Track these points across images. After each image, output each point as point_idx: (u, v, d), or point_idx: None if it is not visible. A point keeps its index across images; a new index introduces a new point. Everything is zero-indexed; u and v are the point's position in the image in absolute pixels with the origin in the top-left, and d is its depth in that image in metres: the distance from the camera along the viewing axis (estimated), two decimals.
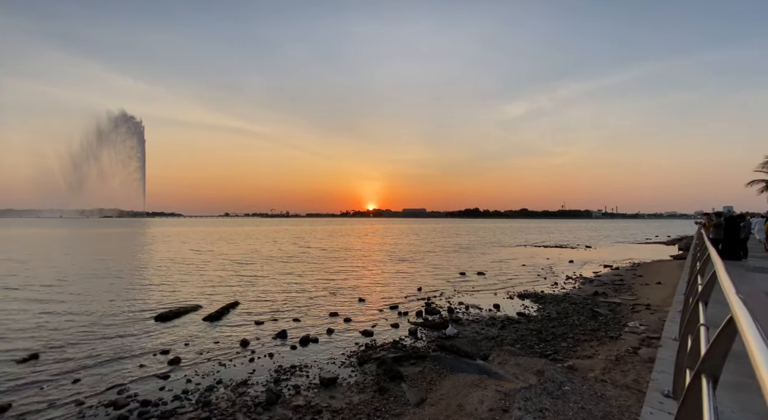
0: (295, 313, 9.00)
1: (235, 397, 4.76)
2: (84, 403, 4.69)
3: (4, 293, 11.06)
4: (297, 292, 11.54)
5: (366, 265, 18.02)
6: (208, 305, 9.72)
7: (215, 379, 5.34)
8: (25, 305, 9.64)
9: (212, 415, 4.30)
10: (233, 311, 9.29)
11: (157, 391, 5.02)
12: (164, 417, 4.27)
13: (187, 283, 13.09)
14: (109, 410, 4.48)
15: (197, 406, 4.55)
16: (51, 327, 7.83)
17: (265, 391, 4.80)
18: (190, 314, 9.02)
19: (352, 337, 7.31)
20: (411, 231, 60.68)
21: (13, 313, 8.86)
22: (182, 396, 4.83)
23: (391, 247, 28.23)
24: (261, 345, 6.86)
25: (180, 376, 5.52)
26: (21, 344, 6.77)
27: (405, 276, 14.77)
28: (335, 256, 22.05)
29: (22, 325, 7.91)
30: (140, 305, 9.81)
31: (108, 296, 10.81)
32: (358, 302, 10.21)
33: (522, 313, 9.04)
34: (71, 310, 9.25)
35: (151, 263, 18.43)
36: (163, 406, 4.55)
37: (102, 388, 5.13)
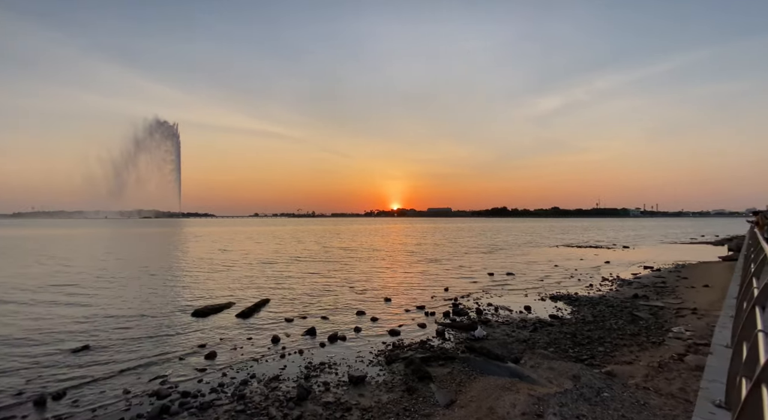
0: (323, 312, 9.16)
1: (268, 392, 4.92)
2: (130, 391, 5.01)
3: (59, 289, 12.02)
4: (324, 291, 11.75)
5: (391, 265, 18.05)
6: (240, 302, 10.10)
7: (249, 374, 5.53)
8: (76, 300, 10.44)
9: (247, 408, 4.46)
10: (264, 308, 9.60)
11: (195, 383, 5.27)
12: (203, 408, 4.48)
13: (218, 281, 13.67)
14: (152, 399, 4.75)
15: (233, 399, 4.73)
16: (100, 320, 8.43)
17: (296, 387, 4.91)
18: (224, 311, 9.41)
19: (379, 336, 7.34)
20: (436, 230, 60.06)
21: (66, 308, 9.61)
22: (218, 389, 5.04)
23: (415, 247, 28.12)
24: (291, 342, 7.04)
25: (216, 369, 5.77)
26: (73, 336, 7.33)
27: (431, 276, 14.65)
28: (359, 256, 22.24)
29: (74, 319, 8.57)
30: (178, 301, 10.36)
31: (149, 292, 11.50)
32: (384, 302, 10.25)
33: (555, 316, 8.71)
34: (117, 305, 9.91)
35: (186, 262, 19.39)
36: (202, 398, 4.77)
37: (146, 378, 5.45)
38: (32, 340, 7.11)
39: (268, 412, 4.37)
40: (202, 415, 4.35)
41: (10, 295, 10.96)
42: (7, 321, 8.37)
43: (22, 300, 10.40)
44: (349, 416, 4.28)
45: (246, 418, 4.24)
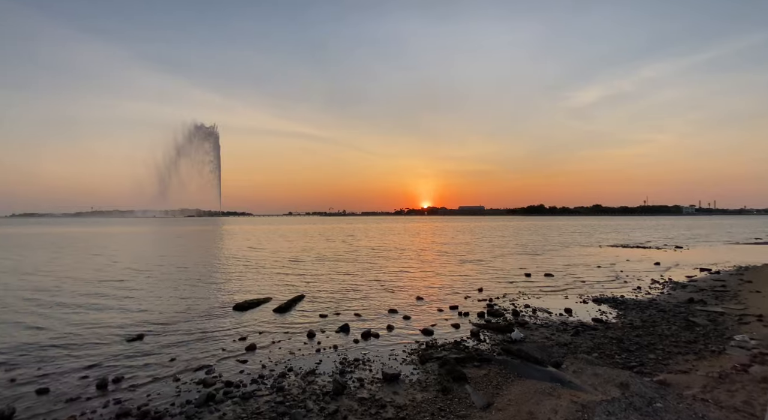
0: (355, 309, 9.28)
1: (305, 385, 5.06)
2: (180, 379, 5.35)
3: (114, 282, 13.10)
4: (355, 289, 11.89)
5: (421, 265, 17.93)
6: (276, 298, 10.48)
7: (286, 367, 5.72)
8: (129, 292, 11.33)
9: (285, 400, 4.61)
10: (299, 304, 9.89)
11: (237, 373, 5.53)
12: (245, 397, 4.69)
13: (253, 277, 14.25)
14: (199, 387, 5.05)
15: (272, 390, 4.92)
16: (150, 312, 9.09)
17: (332, 382, 5.01)
18: (263, 305, 9.81)
19: (412, 335, 7.31)
20: (467, 229, 58.71)
21: (122, 299, 10.45)
22: (259, 380, 5.26)
23: (446, 247, 27.70)
24: (326, 337, 7.20)
25: (256, 361, 6.02)
26: (129, 326, 7.95)
27: (463, 276, 14.37)
28: (388, 255, 22.28)
29: (129, 310, 9.30)
30: (219, 296, 10.94)
31: (192, 287, 12.24)
32: (416, 301, 10.19)
33: (598, 319, 8.24)
34: (165, 298, 10.64)
35: (222, 258, 20.41)
36: (243, 388, 5.00)
37: (193, 367, 5.80)
38: (93, 328, 7.80)
39: (305, 404, 4.49)
40: (245, 404, 4.55)
41: (73, 287, 12.10)
42: (71, 311, 9.25)
43: (84, 292, 11.45)
44: (384, 413, 4.30)
45: (285, 409, 4.38)
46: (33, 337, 7.18)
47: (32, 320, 8.36)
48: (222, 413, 4.34)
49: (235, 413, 4.33)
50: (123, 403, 4.64)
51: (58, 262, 18.85)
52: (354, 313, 8.84)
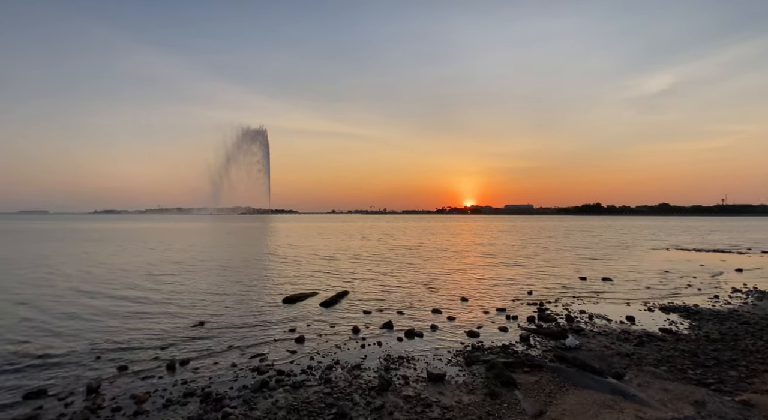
0: (398, 307, 9.30)
1: (351, 379, 5.17)
2: (237, 365, 5.74)
3: (181, 274, 14.37)
4: (397, 287, 11.90)
5: (465, 265, 17.48)
6: (322, 292, 10.84)
7: (333, 360, 5.89)
8: (191, 282, 12.36)
9: (333, 392, 4.75)
10: (344, 300, 10.14)
11: (288, 363, 5.81)
12: (295, 386, 4.91)
13: (299, 271, 14.83)
14: (254, 374, 5.38)
15: (320, 381, 5.10)
16: (209, 302, 9.84)
17: (377, 378, 5.07)
18: (309, 299, 10.20)
19: (456, 336, 7.16)
20: (514, 229, 56.07)
21: (184, 290, 11.44)
22: (308, 370, 5.48)
23: (491, 247, 26.74)
24: (370, 333, 7.30)
25: (305, 352, 6.27)
26: (191, 314, 8.68)
27: (511, 278, 13.79)
28: (428, 254, 22.01)
29: (191, 298, 10.16)
30: (269, 288, 11.56)
31: (244, 279, 13.06)
32: (460, 301, 9.97)
33: (667, 330, 7.46)
34: (222, 288, 11.47)
35: (272, 253, 21.47)
36: (294, 377, 5.23)
37: (248, 355, 6.19)
38: (162, 314, 8.64)
39: (352, 397, 4.59)
40: (295, 393, 4.76)
41: (143, 276, 13.48)
42: (143, 298, 10.31)
43: (153, 280, 12.71)
44: (430, 412, 4.26)
45: (333, 400, 4.52)
46: (112, 321, 8.13)
47: (110, 305, 9.45)
48: (275, 400, 4.58)
49: (287, 401, 4.55)
50: (189, 383, 5.09)
51: (135, 254, 21.12)
52: (397, 311, 8.87)
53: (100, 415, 4.27)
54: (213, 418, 4.18)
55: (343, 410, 4.23)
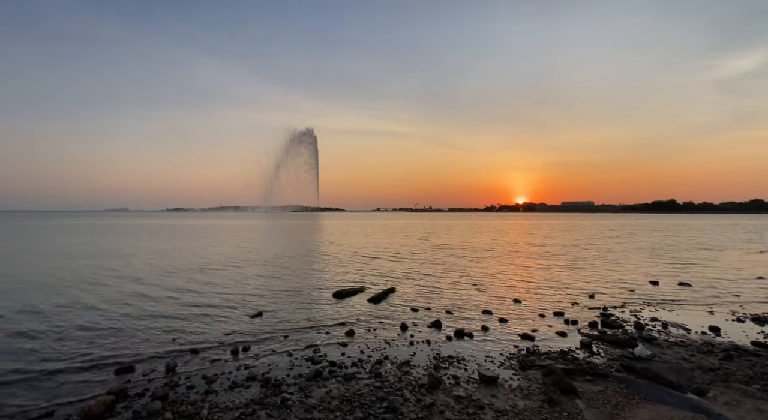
0: (446, 306, 9.15)
1: (401, 375, 5.20)
2: (292, 355, 6.06)
3: (241, 268, 15.48)
4: (445, 286, 11.70)
5: (516, 265, 16.68)
6: (369, 288, 11.03)
7: (382, 355, 5.97)
8: (249, 275, 13.26)
9: (383, 386, 4.82)
10: (391, 297, 10.21)
11: (339, 355, 5.99)
12: (347, 378, 5.06)
13: (346, 267, 15.19)
14: (308, 364, 5.63)
15: (371, 375, 5.19)
16: (266, 293, 10.49)
17: (427, 375, 5.04)
18: (358, 294, 10.43)
19: (509, 339, 6.87)
20: (572, 228, 52.02)
21: (244, 281, 12.30)
22: (358, 364, 5.61)
23: (544, 247, 25.18)
24: (418, 331, 7.27)
25: (355, 346, 6.43)
26: (251, 304, 9.32)
27: (569, 280, 12.89)
28: (476, 255, 21.29)
29: (250, 290, 10.90)
30: (320, 282, 12.02)
31: (297, 273, 13.72)
32: (513, 303, 9.54)
33: (761, 344, 6.48)
34: (276, 281, 12.15)
35: (321, 248, 22.25)
36: (345, 369, 5.39)
37: (302, 345, 6.50)
38: (224, 304, 9.37)
39: (402, 393, 4.62)
40: (347, 384, 4.91)
41: (206, 269, 14.73)
42: (208, 289, 11.26)
43: (215, 273, 13.84)
44: (483, 415, 4.14)
45: (383, 394, 4.58)
46: (184, 308, 9.00)
47: (182, 294, 10.47)
48: (328, 389, 4.76)
49: (340, 391, 4.70)
50: (250, 369, 5.47)
51: (199, 247, 23.20)
52: (445, 311, 8.73)
53: (177, 392, 4.76)
54: (273, 402, 4.45)
55: (394, 405, 4.27)
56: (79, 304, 9.19)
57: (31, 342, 6.59)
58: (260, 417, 4.15)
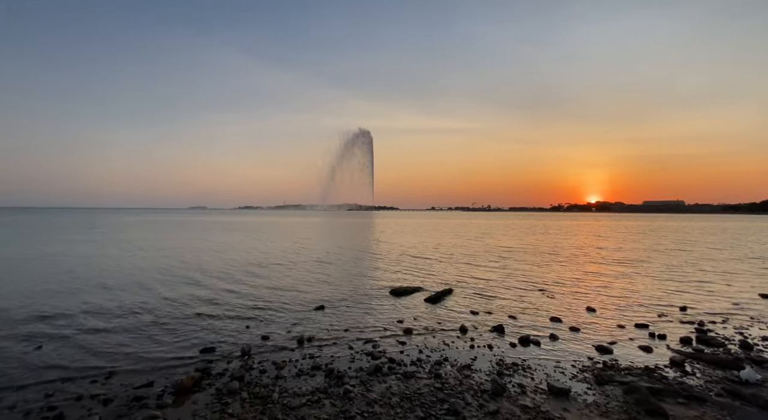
0: (509, 311, 8.71)
1: (462, 378, 5.06)
2: (353, 348, 6.25)
3: (304, 262, 16.39)
4: (507, 289, 11.12)
5: (587, 271, 15.24)
6: (426, 288, 10.93)
7: (441, 356, 5.87)
8: (311, 270, 13.95)
9: (443, 388, 4.74)
10: (449, 297, 10.00)
11: (398, 353, 6.03)
12: (406, 376, 5.07)
13: (402, 265, 15.18)
14: (368, 358, 5.76)
15: (430, 375, 5.14)
16: (326, 288, 10.96)
17: (490, 381, 4.84)
18: (415, 293, 10.41)
19: (582, 350, 6.31)
20: (655, 230, 45.56)
21: (307, 275, 12.98)
22: (417, 363, 5.59)
23: (620, 251, 22.62)
24: (479, 335, 7.02)
25: (413, 345, 6.42)
26: (314, 297, 9.81)
27: (654, 289, 11.45)
28: (538, 259, 19.85)
29: (312, 284, 11.47)
30: (377, 279, 12.22)
31: (355, 269, 14.11)
32: (586, 312, 8.74)
33: None
34: (335, 276, 12.63)
35: (376, 246, 22.56)
36: (404, 367, 5.41)
37: (362, 339, 6.67)
38: (290, 296, 9.99)
39: (464, 397, 4.49)
40: (407, 382, 4.92)
41: (276, 262, 15.81)
42: (274, 283, 12.08)
43: (280, 267, 14.81)
44: None
45: (444, 396, 4.50)
46: (254, 297, 9.79)
47: (252, 284, 11.39)
48: (388, 385, 4.81)
49: (400, 388, 4.73)
50: (315, 358, 5.76)
51: (268, 243, 25.08)
52: (508, 315, 8.31)
53: (252, 374, 5.19)
54: (336, 392, 4.63)
55: (456, 408, 4.17)
56: (171, 293, 10.51)
57: (133, 323, 7.71)
58: (325, 405, 4.34)
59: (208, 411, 4.23)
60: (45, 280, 11.78)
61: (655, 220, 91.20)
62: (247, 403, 4.40)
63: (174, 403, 4.42)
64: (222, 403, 4.40)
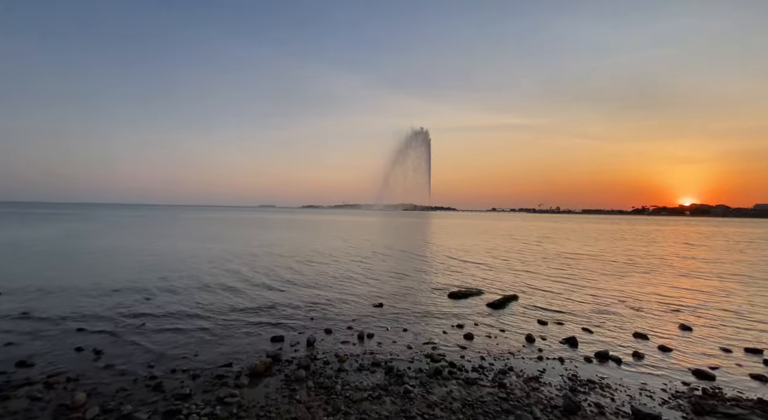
0: (582, 322, 7.96)
1: (529, 390, 4.74)
2: (411, 348, 6.22)
3: (363, 260, 16.80)
4: (579, 299, 10.17)
5: (680, 284, 13.30)
6: (487, 293, 10.47)
7: (505, 365, 5.57)
8: (370, 268, 14.22)
9: (509, 398, 4.48)
10: (513, 304, 9.46)
11: (458, 358, 5.86)
12: (468, 382, 4.90)
13: (460, 268, 14.70)
14: (428, 360, 5.69)
15: (494, 384, 4.90)
16: (385, 286, 11.09)
17: (562, 397, 4.46)
18: (475, 297, 10.05)
19: (675, 373, 5.51)
20: None
21: (366, 273, 13.26)
22: (479, 370, 5.37)
23: (725, 262, 19.27)
24: (548, 346, 6.52)
25: (474, 350, 6.19)
26: (372, 295, 9.99)
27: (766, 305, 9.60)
28: (617, 269, 17.77)
29: (370, 282, 11.68)
30: (434, 281, 12.03)
31: (412, 269, 14.05)
32: (679, 329, 7.63)
33: None
34: (394, 275, 12.71)
35: (432, 247, 22.18)
36: (466, 373, 5.23)
37: (421, 340, 6.61)
38: (350, 292, 10.30)
39: (531, 410, 4.20)
40: (468, 388, 4.75)
41: (339, 258, 16.42)
42: (336, 279, 12.54)
43: (344, 263, 15.33)
44: None
45: (509, 407, 4.26)
46: (318, 292, 10.27)
47: (315, 279, 11.96)
48: (449, 390, 4.70)
49: (461, 394, 4.59)
50: (375, 355, 5.86)
51: (330, 241, 26.22)
52: (582, 327, 7.59)
53: (316, 365, 5.45)
54: (396, 391, 4.65)
55: None
56: (245, 285, 11.52)
57: (218, 308, 8.59)
58: (385, 402, 4.38)
59: (278, 395, 4.53)
60: (152, 268, 13.71)
61: (767, 227, 76.32)
62: (313, 391, 4.63)
63: (249, 384, 4.82)
64: (290, 389, 4.68)
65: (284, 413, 4.12)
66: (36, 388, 4.58)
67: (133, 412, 4.02)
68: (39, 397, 4.33)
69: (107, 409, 4.09)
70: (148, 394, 4.50)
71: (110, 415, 4.00)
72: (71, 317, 7.45)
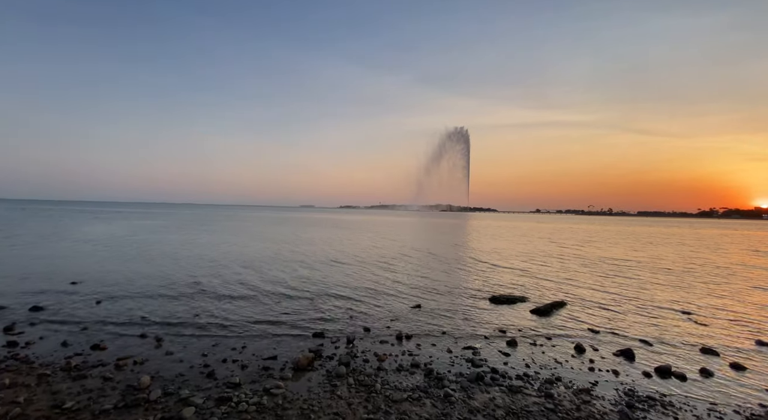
0: (640, 333, 7.34)
1: (579, 403, 4.46)
2: (452, 351, 6.11)
3: (401, 261, 16.78)
4: (635, 308, 9.38)
5: (754, 298, 11.85)
6: (531, 299, 10.01)
7: (553, 375, 5.28)
8: (409, 268, 14.16)
9: (557, 410, 4.25)
10: (560, 311, 8.97)
11: (501, 364, 5.65)
12: (512, 390, 4.71)
13: (500, 271, 14.15)
14: (468, 365, 5.55)
15: (540, 393, 4.67)
16: (423, 288, 10.98)
17: (617, 412, 4.15)
18: (519, 303, 9.64)
19: (749, 393, 4.92)
20: None
21: (404, 274, 13.22)
22: (524, 378, 5.14)
23: None
24: (600, 357, 6.09)
25: (518, 357, 5.94)
26: (411, 296, 9.95)
27: None
28: (674, 277, 16.12)
29: (409, 282, 11.63)
30: (475, 284, 11.70)
31: (450, 271, 13.78)
32: (756, 345, 6.79)
33: None
34: (432, 277, 12.55)
35: (471, 250, 21.57)
36: (509, 380, 5.04)
37: (461, 345, 6.47)
38: (389, 292, 10.33)
39: None
40: (512, 396, 4.57)
41: (375, 259, 16.54)
42: (374, 278, 12.62)
43: (382, 263, 15.40)
44: None
45: (558, 419, 4.04)
46: (357, 291, 10.41)
47: (354, 280, 12.13)
48: (492, 397, 4.55)
49: (504, 402, 4.42)
50: (414, 356, 5.82)
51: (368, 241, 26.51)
52: (639, 339, 7.01)
53: (356, 362, 5.52)
54: (436, 394, 4.59)
55: None
56: (287, 282, 11.99)
57: (264, 303, 9.02)
58: (426, 405, 4.34)
59: (320, 390, 4.66)
60: (223, 263, 14.73)
61: None
62: (353, 388, 4.70)
63: (293, 377, 5.00)
64: (332, 384, 4.79)
65: (326, 408, 4.22)
66: (108, 369, 5.09)
67: (190, 396, 4.32)
68: (110, 378, 4.80)
69: (168, 392, 4.44)
70: (203, 380, 4.82)
71: (171, 397, 4.34)
72: (137, 307, 8.20)
